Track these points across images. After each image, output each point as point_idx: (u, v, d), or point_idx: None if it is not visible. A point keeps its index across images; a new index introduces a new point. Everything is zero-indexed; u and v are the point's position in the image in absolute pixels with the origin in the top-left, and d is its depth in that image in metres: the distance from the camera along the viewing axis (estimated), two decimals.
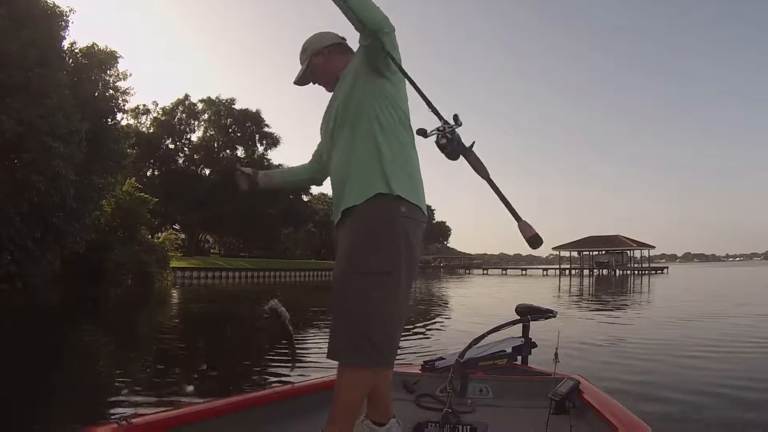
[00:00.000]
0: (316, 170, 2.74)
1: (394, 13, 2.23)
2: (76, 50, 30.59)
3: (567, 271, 76.95)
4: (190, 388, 6.88)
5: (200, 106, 64.83)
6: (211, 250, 71.36)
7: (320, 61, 2.50)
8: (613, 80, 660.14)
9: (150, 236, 39.45)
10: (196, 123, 65.27)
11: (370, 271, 2.01)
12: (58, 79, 24.03)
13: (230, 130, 64.99)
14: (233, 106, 64.78)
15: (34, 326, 13.07)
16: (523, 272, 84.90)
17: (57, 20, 26.49)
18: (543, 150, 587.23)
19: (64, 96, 23.80)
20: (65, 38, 28.26)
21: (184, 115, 64.22)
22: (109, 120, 30.85)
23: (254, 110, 65.75)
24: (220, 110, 64.52)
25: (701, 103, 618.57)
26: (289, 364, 5.25)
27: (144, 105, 61.85)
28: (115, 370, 7.99)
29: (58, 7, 26.86)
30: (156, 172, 62.27)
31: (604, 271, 72.75)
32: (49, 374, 7.36)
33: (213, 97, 65.02)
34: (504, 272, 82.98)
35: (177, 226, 63.32)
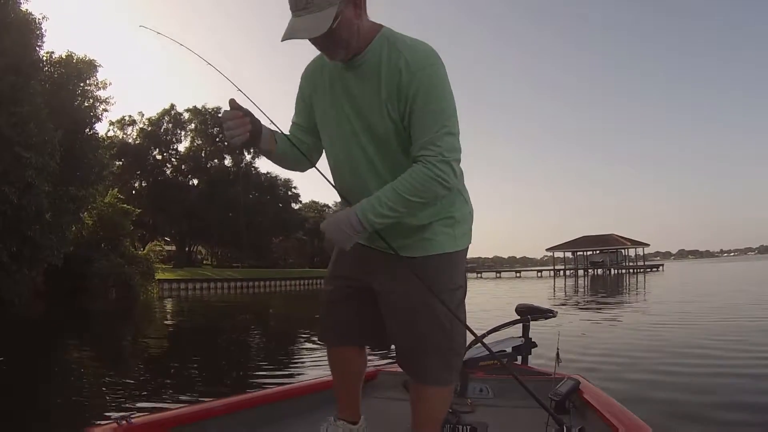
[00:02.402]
0: (300, 160, 2.12)
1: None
2: (54, 59, 30.05)
3: (561, 272, 76.59)
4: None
5: (186, 115, 64.45)
6: (204, 261, 70.74)
7: (352, 16, 1.82)
8: (603, 79, 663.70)
9: (143, 248, 38.96)
10: (183, 133, 64.87)
11: (453, 287, 2.05)
12: (31, 88, 23.32)
13: (217, 139, 64.38)
14: (219, 115, 63.76)
15: (15, 341, 12.74)
16: (517, 275, 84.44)
17: (30, 28, 25.83)
18: (533, 151, 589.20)
19: (36, 105, 23.10)
20: (40, 47, 27.81)
21: (170, 125, 63.83)
22: (87, 130, 30.17)
23: None
24: (207, 119, 64.02)
25: (692, 101, 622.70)
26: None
27: (130, 116, 61.55)
28: (98, 383, 7.71)
29: (31, 14, 26.24)
30: (144, 184, 61.69)
31: (599, 271, 72.37)
32: (35, 385, 7.21)
33: (199, 106, 64.71)
34: (498, 275, 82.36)
35: (168, 238, 62.89)
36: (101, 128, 47.39)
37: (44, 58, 28.97)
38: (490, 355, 3.49)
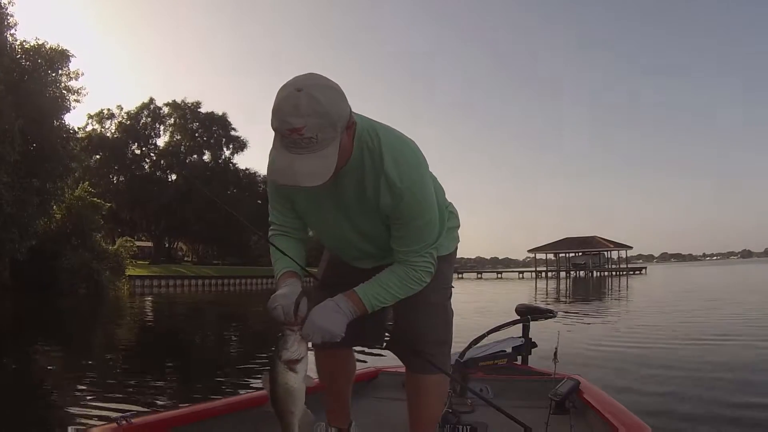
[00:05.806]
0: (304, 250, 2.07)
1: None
2: (26, 47, 29.28)
3: (543, 274, 76.43)
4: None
5: (166, 109, 63.52)
6: (185, 258, 69.77)
7: (346, 141, 1.66)
8: (587, 79, 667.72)
9: (114, 243, 38.32)
10: (162, 127, 63.97)
11: (446, 285, 2.19)
12: None
13: (196, 135, 63.78)
14: (199, 110, 63.70)
15: None
16: (499, 276, 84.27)
17: None
18: (519, 150, 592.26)
19: None
20: (12, 35, 27.31)
21: (149, 119, 62.86)
22: (54, 121, 29.30)
23: (220, 114, 64.76)
24: (186, 114, 63.28)
25: (677, 104, 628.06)
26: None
27: (108, 109, 60.46)
28: (56, 386, 7.51)
29: None
30: (121, 178, 60.76)
31: (581, 273, 72.17)
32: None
33: (178, 100, 63.84)
34: (479, 276, 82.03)
35: (147, 234, 61.98)
36: (78, 121, 46.57)
37: (15, 46, 28.23)
38: (490, 355, 3.73)
